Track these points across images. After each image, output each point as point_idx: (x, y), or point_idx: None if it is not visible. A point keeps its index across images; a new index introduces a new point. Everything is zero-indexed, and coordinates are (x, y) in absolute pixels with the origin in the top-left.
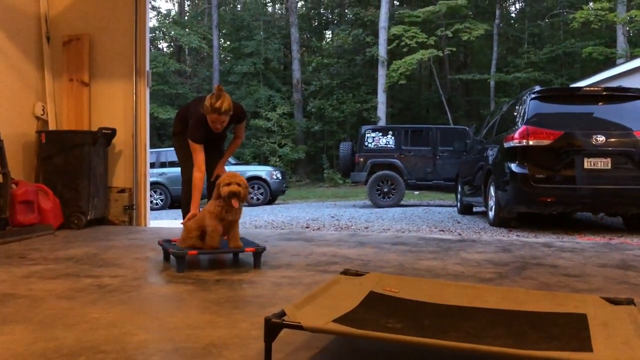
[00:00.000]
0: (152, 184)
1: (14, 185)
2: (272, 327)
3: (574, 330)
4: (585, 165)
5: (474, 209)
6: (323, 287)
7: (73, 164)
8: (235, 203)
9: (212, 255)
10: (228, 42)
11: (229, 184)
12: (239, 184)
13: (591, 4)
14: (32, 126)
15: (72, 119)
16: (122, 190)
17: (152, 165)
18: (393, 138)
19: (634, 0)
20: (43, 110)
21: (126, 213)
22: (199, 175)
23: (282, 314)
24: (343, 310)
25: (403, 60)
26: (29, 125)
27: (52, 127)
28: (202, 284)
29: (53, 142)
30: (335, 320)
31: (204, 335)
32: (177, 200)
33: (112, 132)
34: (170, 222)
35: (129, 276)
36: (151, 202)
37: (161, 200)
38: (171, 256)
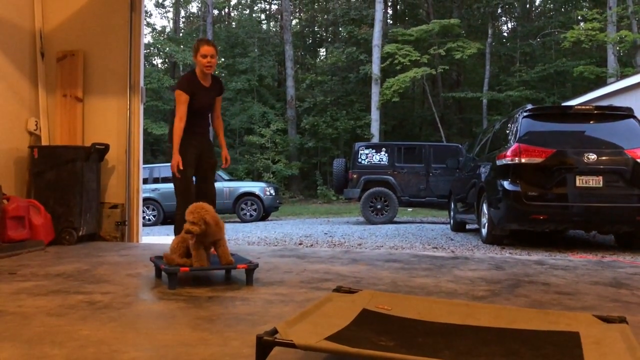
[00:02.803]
0: (145, 199)
1: (5, 201)
2: (264, 345)
3: (566, 348)
4: (577, 183)
5: (467, 226)
6: (316, 305)
7: (65, 180)
8: (191, 240)
9: (204, 272)
10: (222, 59)
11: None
12: (194, 222)
13: (582, 24)
14: (24, 141)
15: (65, 134)
16: (115, 206)
17: (145, 181)
18: (386, 155)
19: (624, 20)
20: (36, 125)
21: (118, 229)
22: (180, 125)
23: (274, 331)
24: (336, 328)
25: (396, 78)
26: (21, 141)
27: (45, 142)
28: (194, 301)
29: (45, 158)
30: (327, 338)
31: (195, 353)
32: (169, 216)
33: (105, 148)
34: (163, 239)
35: (120, 293)
36: (143, 218)
37: (154, 216)
38: (163, 273)
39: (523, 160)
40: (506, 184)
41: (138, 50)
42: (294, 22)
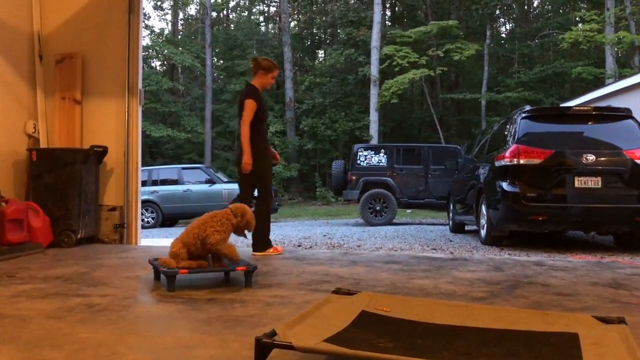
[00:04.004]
0: (144, 202)
1: (3, 204)
2: (263, 347)
3: (565, 349)
4: (576, 184)
5: (466, 228)
6: (314, 307)
7: (64, 182)
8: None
9: (203, 274)
10: (221, 61)
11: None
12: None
13: (580, 25)
14: (23, 144)
15: (63, 137)
16: (113, 209)
17: (144, 184)
18: (385, 156)
19: (622, 21)
20: (35, 128)
21: (117, 231)
22: (249, 129)
23: (273, 333)
24: (334, 330)
25: (395, 79)
26: (20, 143)
27: (43, 145)
28: (193, 303)
29: (44, 160)
30: (326, 340)
31: (194, 356)
32: (168, 218)
33: (104, 150)
34: (162, 241)
35: (118, 295)
36: (142, 220)
37: (152, 218)
38: (162, 275)
39: (522, 161)
40: (505, 185)
41: (136, 53)
42: (292, 24)
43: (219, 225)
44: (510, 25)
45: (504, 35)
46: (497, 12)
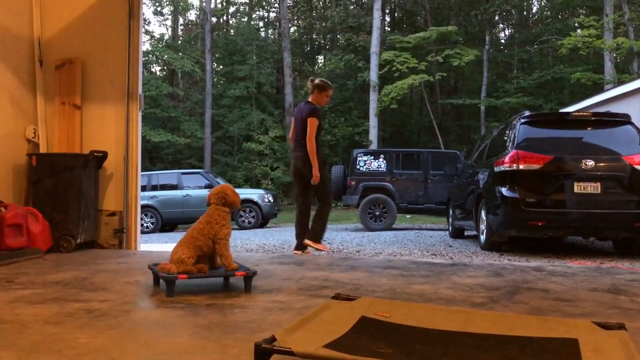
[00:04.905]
0: (143, 207)
1: (3, 209)
2: (263, 353)
3: (565, 355)
4: (575, 190)
5: (466, 233)
6: (314, 312)
7: (63, 187)
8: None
9: (202, 280)
10: (221, 66)
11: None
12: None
13: (579, 30)
14: (23, 149)
15: (63, 142)
16: (113, 214)
17: (144, 189)
18: (385, 162)
19: (621, 27)
20: (34, 133)
21: (116, 236)
22: (315, 144)
23: (273, 339)
24: (334, 336)
25: (394, 85)
26: (19, 148)
27: (43, 150)
28: (192, 309)
29: (44, 165)
30: (326, 346)
31: None
32: (167, 223)
33: (104, 155)
34: (161, 246)
35: (118, 300)
36: (142, 225)
37: (152, 223)
38: (161, 280)
39: (521, 167)
40: (504, 191)
41: (137, 58)
42: (292, 29)
43: (222, 219)
44: (510, 30)
45: (503, 40)
46: (496, 17)
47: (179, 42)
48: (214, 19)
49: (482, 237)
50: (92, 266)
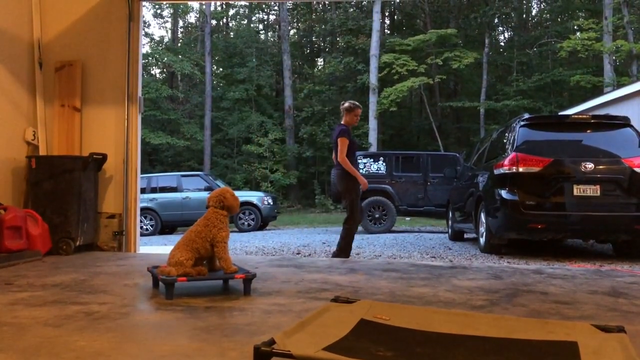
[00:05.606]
0: (142, 209)
1: (2, 211)
2: (262, 356)
3: (564, 358)
4: (575, 192)
5: (465, 235)
6: (313, 315)
7: (63, 190)
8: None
9: (201, 282)
10: (220, 69)
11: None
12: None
13: (578, 33)
14: (22, 151)
15: (63, 144)
16: (112, 216)
17: (143, 191)
18: (384, 164)
19: (620, 30)
20: (34, 135)
21: (115, 239)
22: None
23: (272, 342)
24: (334, 338)
25: (394, 87)
26: (19, 151)
27: (42, 152)
28: (192, 311)
29: (43, 167)
30: (325, 349)
31: None
32: (167, 225)
33: (103, 158)
34: (160, 249)
35: (117, 303)
36: (141, 227)
37: (151, 225)
38: (160, 283)
39: (520, 170)
40: (504, 193)
41: (136, 60)
42: (291, 32)
43: (219, 222)
44: (509, 33)
45: (502, 43)
46: (496, 20)
47: (179, 44)
48: (214, 22)
49: (482, 240)
50: (92, 269)
